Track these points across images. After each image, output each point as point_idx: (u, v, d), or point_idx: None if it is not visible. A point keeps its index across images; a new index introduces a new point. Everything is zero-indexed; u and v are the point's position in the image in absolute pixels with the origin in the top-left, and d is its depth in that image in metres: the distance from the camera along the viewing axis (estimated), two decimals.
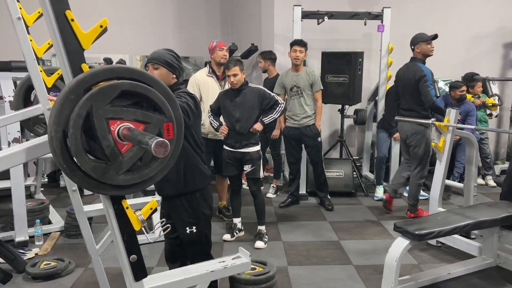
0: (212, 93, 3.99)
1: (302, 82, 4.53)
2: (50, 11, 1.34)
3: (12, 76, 3.91)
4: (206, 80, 4.08)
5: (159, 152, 1.18)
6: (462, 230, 2.92)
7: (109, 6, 6.29)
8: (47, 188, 5.45)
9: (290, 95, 4.59)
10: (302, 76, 4.54)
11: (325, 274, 3.28)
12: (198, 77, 4.13)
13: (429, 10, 6.09)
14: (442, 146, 3.52)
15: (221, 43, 4.11)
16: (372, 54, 5.91)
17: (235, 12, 7.14)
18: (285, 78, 4.62)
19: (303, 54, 4.51)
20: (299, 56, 4.48)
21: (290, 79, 4.57)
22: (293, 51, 4.50)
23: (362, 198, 5.13)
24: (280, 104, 3.70)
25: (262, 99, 3.65)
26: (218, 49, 4.07)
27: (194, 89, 4.06)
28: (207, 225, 2.53)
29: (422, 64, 4.21)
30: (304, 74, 4.55)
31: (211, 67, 4.15)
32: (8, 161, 1.44)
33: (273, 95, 3.70)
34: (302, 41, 4.51)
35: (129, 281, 1.54)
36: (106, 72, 1.33)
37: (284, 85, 4.62)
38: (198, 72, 4.27)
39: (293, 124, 4.61)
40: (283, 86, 4.63)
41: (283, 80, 4.63)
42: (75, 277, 3.21)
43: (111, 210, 1.48)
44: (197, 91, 4.06)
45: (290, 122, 4.65)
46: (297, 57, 4.48)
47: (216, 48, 4.09)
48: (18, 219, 3.68)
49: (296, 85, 4.54)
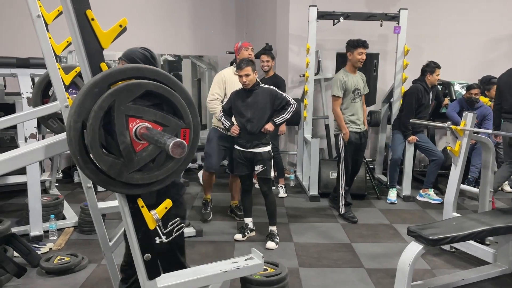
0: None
1: (360, 84, 4.43)
2: (71, 10, 1.35)
3: (30, 73, 3.96)
4: (232, 79, 4.12)
5: (176, 153, 1.19)
6: (477, 236, 2.87)
7: (125, 4, 6.35)
8: (61, 183, 5.52)
9: (352, 98, 4.38)
10: (359, 78, 4.44)
11: (336, 276, 3.26)
12: (225, 74, 4.21)
13: (446, 12, 6.03)
14: (457, 150, 3.47)
15: (246, 43, 4.17)
16: (387, 55, 5.87)
17: (250, 11, 7.15)
18: (346, 79, 4.38)
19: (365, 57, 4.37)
20: (364, 58, 4.33)
21: (351, 81, 4.39)
22: (358, 54, 4.28)
23: (375, 200, 5.09)
24: (292, 104, 3.68)
25: (274, 99, 3.65)
26: (243, 49, 4.14)
27: (220, 85, 4.15)
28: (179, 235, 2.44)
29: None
30: (360, 76, 4.46)
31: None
32: (27, 158, 1.46)
33: (285, 96, 3.70)
34: (366, 41, 4.33)
35: (143, 279, 1.55)
36: (132, 71, 1.35)
37: (347, 87, 4.38)
38: (225, 70, 4.33)
39: (356, 129, 4.38)
40: (345, 88, 4.38)
41: (345, 81, 4.38)
42: (88, 273, 3.24)
43: (126, 209, 1.49)
44: (223, 87, 4.14)
45: (353, 127, 4.37)
46: (362, 60, 4.31)
47: (241, 48, 4.16)
48: (33, 214, 3.73)
49: (357, 87, 4.41)
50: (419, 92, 4.90)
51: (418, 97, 4.88)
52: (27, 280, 3.08)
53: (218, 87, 4.17)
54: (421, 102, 4.92)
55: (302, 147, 5.58)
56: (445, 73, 4.85)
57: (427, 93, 4.98)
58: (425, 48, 5.96)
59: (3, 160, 1.39)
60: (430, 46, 5.99)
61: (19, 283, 3.03)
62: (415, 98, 4.87)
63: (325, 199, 5.01)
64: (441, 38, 6.01)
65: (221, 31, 7.03)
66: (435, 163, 4.96)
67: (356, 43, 4.29)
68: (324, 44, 5.87)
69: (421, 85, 4.94)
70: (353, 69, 4.41)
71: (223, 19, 7.09)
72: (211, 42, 6.86)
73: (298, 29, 5.72)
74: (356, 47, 4.29)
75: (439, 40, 6.00)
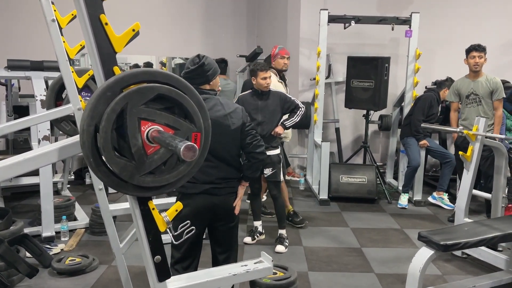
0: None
1: (481, 89, 4.31)
2: (85, 15, 1.37)
3: (44, 76, 4.01)
4: (277, 86, 4.08)
5: (187, 156, 1.20)
6: (489, 242, 2.83)
7: (137, 8, 6.41)
8: (73, 185, 5.58)
9: (466, 102, 4.38)
10: (482, 83, 4.32)
11: (346, 281, 3.24)
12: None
13: (458, 16, 5.98)
14: (469, 155, 3.44)
15: (283, 51, 4.18)
16: (399, 59, 5.84)
17: (261, 14, 7.17)
18: (460, 85, 4.42)
19: (482, 60, 4.30)
20: (479, 62, 4.28)
21: (466, 86, 4.38)
22: (471, 58, 4.28)
23: (385, 205, 5.06)
24: (301, 108, 3.71)
25: (283, 103, 3.68)
26: (279, 57, 4.16)
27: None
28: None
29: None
30: (483, 81, 4.33)
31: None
32: (42, 160, 1.48)
33: (294, 99, 3.73)
34: (480, 45, 4.29)
35: (153, 281, 1.56)
36: (144, 74, 1.36)
37: (460, 92, 4.42)
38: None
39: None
40: (458, 93, 4.44)
41: (458, 86, 4.44)
42: (98, 274, 3.27)
43: (137, 211, 1.50)
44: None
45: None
46: (476, 64, 4.27)
47: (277, 55, 4.17)
48: (46, 215, 3.78)
49: (474, 92, 4.34)
50: (433, 99, 4.92)
51: (431, 104, 4.89)
52: (39, 280, 3.12)
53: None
54: (432, 110, 4.91)
55: (312, 151, 5.57)
56: (457, 78, 4.81)
57: (437, 104, 5.01)
58: (437, 52, 5.91)
59: (17, 162, 1.41)
60: (442, 50, 5.94)
61: (31, 283, 3.07)
62: (428, 104, 4.87)
63: (334, 203, 4.99)
64: (453, 42, 5.94)
65: (232, 35, 7.05)
66: (448, 165, 4.91)
67: (469, 48, 4.32)
68: (335, 48, 5.86)
69: (434, 95, 4.98)
70: (472, 74, 4.38)
71: (234, 23, 7.12)
72: (222, 46, 6.88)
73: (309, 33, 5.72)
74: (469, 51, 4.32)
75: (451, 44, 5.94)
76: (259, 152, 2.44)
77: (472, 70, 4.34)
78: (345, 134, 6.18)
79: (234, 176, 2.48)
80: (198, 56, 2.37)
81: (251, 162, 2.46)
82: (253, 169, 2.49)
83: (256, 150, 2.43)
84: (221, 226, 2.49)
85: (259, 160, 2.47)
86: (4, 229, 3.42)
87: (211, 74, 2.39)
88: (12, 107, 4.83)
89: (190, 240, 2.05)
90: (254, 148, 2.43)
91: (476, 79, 4.35)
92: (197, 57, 2.37)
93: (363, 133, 5.72)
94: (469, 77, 4.42)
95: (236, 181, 2.50)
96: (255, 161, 2.46)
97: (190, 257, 2.50)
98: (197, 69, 2.34)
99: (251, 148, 2.43)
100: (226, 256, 2.53)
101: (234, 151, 2.46)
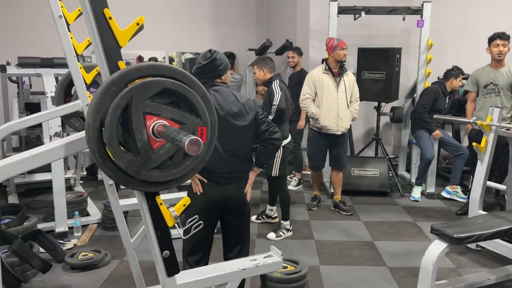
0: (327, 90, 4.22)
1: (502, 80, 4.20)
2: (89, 9, 1.37)
3: (54, 72, 4.04)
4: (321, 77, 4.26)
5: (192, 150, 1.18)
6: (504, 234, 2.78)
7: (146, 2, 6.41)
8: (85, 181, 5.63)
9: (483, 92, 4.28)
10: (503, 74, 4.21)
11: (358, 274, 3.22)
12: (314, 74, 4.34)
13: (470, 5, 5.85)
14: (484, 147, 3.37)
15: (342, 43, 4.24)
16: (410, 50, 5.75)
17: (270, 7, 7.12)
18: (480, 73, 4.30)
19: (506, 48, 4.17)
20: (503, 50, 4.14)
21: (486, 75, 4.26)
22: (494, 46, 4.15)
23: (398, 198, 5.00)
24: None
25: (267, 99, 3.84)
26: (339, 49, 4.22)
27: (310, 85, 4.31)
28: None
29: None
30: (505, 71, 4.22)
31: (328, 64, 4.30)
32: (48, 156, 1.48)
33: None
34: (505, 33, 4.15)
35: (162, 276, 1.56)
36: (149, 69, 1.35)
37: (478, 81, 4.31)
38: (314, 69, 4.45)
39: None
40: (476, 82, 4.33)
41: (477, 75, 4.32)
42: (111, 269, 3.30)
43: (145, 206, 1.50)
44: (312, 87, 4.30)
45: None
46: (500, 52, 4.14)
47: (337, 47, 4.22)
48: (59, 211, 3.82)
49: (493, 82, 4.23)
50: (437, 92, 4.81)
51: (435, 97, 4.79)
52: (52, 275, 3.16)
53: (308, 87, 4.34)
54: (437, 104, 4.82)
55: None
56: (470, 68, 4.71)
57: (444, 96, 4.90)
58: (449, 42, 5.81)
59: (24, 158, 1.42)
60: (455, 39, 5.83)
61: (44, 278, 3.11)
62: (432, 98, 4.78)
63: (346, 197, 4.95)
64: (466, 31, 5.84)
65: (242, 28, 7.02)
66: (460, 157, 4.83)
67: (492, 36, 4.19)
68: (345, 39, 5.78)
69: (439, 87, 4.86)
70: (494, 63, 4.27)
71: (243, 16, 7.08)
72: (231, 39, 6.86)
73: (319, 25, 5.66)
74: (492, 39, 4.20)
75: (464, 33, 5.83)
76: (276, 138, 2.48)
77: (495, 59, 4.22)
78: (356, 126, 6.11)
79: (246, 169, 2.52)
80: (210, 51, 2.39)
81: (267, 148, 2.50)
82: (268, 156, 2.55)
83: (273, 136, 2.47)
84: (233, 219, 2.51)
85: (276, 147, 2.52)
86: (18, 225, 3.47)
87: (222, 69, 2.42)
88: (24, 104, 4.87)
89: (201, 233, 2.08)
90: (271, 134, 2.47)
91: (498, 69, 4.24)
92: (209, 52, 2.39)
93: (374, 125, 5.66)
94: (490, 66, 4.30)
95: (246, 173, 2.52)
96: (272, 147, 2.50)
97: (201, 250, 2.52)
98: (208, 64, 2.37)
99: (268, 135, 2.46)
100: (238, 249, 2.56)
101: (248, 143, 2.49)
